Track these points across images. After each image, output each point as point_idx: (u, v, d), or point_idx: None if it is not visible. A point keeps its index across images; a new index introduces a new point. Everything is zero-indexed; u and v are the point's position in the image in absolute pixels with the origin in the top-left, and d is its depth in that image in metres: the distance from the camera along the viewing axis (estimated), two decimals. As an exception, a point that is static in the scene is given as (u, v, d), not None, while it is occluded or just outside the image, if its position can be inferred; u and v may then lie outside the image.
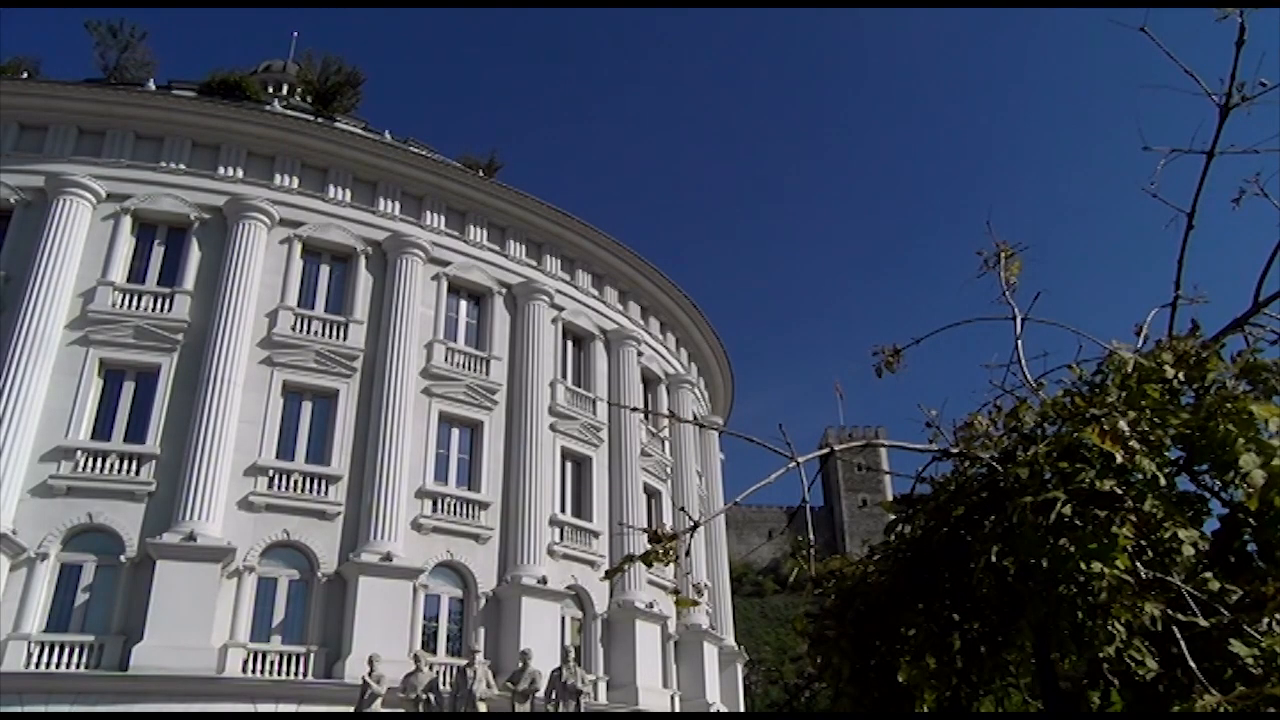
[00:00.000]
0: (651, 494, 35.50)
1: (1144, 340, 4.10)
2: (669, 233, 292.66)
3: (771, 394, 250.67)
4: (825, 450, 4.36)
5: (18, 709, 21.16)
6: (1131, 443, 3.33)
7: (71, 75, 32.92)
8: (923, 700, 3.96)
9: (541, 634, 26.96)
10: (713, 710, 32.73)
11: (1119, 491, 3.31)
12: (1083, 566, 3.16)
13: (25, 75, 31.17)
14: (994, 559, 3.44)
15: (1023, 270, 4.83)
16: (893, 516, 4.15)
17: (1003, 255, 4.85)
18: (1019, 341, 4.49)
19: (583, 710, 23.10)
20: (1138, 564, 3.26)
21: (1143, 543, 3.31)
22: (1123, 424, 3.38)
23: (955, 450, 4.04)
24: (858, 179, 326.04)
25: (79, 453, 24.87)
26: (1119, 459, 3.31)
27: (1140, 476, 3.33)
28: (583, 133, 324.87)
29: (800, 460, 4.05)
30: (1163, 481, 3.34)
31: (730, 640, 39.21)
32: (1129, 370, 3.72)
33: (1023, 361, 4.40)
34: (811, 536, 4.25)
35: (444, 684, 23.59)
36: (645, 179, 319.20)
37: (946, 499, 3.87)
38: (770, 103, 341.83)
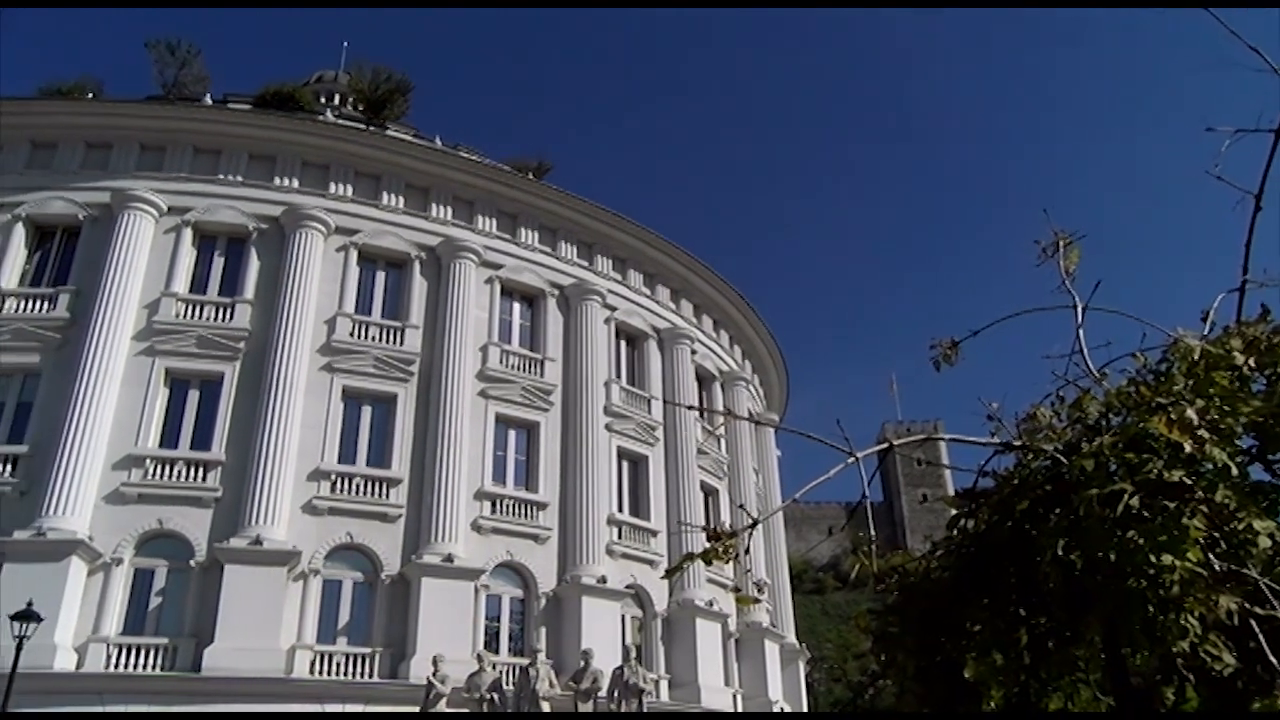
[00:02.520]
0: (709, 492, 35.44)
1: (1210, 327, 3.99)
2: (720, 229, 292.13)
3: (826, 390, 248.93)
4: (884, 445, 4.31)
5: (99, 708, 21.83)
6: (1200, 432, 3.25)
7: (133, 93, 33.80)
8: (989, 697, 3.90)
9: (602, 633, 27.08)
10: (776, 708, 32.59)
11: (1188, 482, 3.22)
12: (1153, 559, 3.09)
13: (90, 95, 32.01)
14: (1060, 553, 3.38)
15: (1082, 258, 4.72)
16: (955, 511, 4.10)
17: (1061, 243, 4.75)
18: (1080, 331, 4.40)
19: (645, 709, 23.14)
20: (1210, 556, 3.17)
21: (1215, 534, 3.23)
22: (1191, 413, 3.30)
23: (1018, 443, 3.97)
24: (912, 169, 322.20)
25: (148, 460, 25.55)
26: (1188, 449, 3.23)
27: (1210, 466, 3.24)
28: (631, 131, 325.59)
29: (859, 456, 4.02)
30: (1235, 471, 3.25)
31: (792, 638, 39.01)
32: (1196, 358, 3.62)
33: (1085, 351, 4.30)
34: (872, 532, 4.21)
35: (507, 683, 23.81)
36: (695, 176, 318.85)
37: (1010, 492, 3.81)
38: (818, 92, 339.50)
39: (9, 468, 24.97)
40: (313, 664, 24.21)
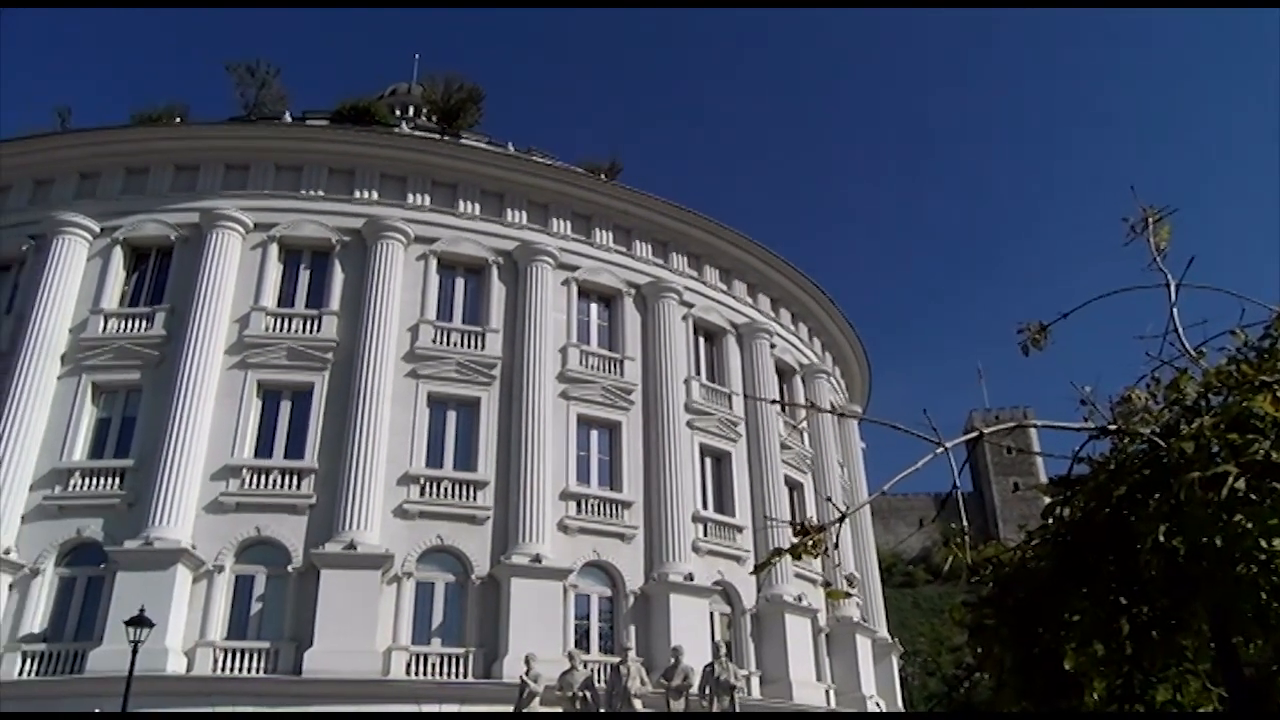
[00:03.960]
0: (793, 486, 35.17)
1: (1316, 299, 3.81)
2: (795, 221, 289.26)
3: (909, 380, 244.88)
4: (973, 434, 4.22)
5: (208, 709, 22.67)
6: (1309, 410, 3.11)
7: (216, 116, 34.92)
8: (1091, 689, 3.79)
9: (691, 630, 27.07)
10: (870, 704, 32.19)
11: (1298, 463, 3.09)
12: (1262, 544, 2.97)
13: (177, 120, 33.20)
14: (1161, 539, 3.27)
15: (1173, 235, 4.56)
16: (1049, 499, 3.99)
17: (1150, 220, 4.59)
18: (1174, 309, 4.24)
19: (736, 705, 23.05)
20: (1325, 539, 3.03)
21: (1329, 516, 3.08)
22: (1298, 390, 3.16)
23: (1113, 427, 3.86)
24: (992, 151, 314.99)
25: (244, 470, 26.39)
26: (1296, 428, 3.09)
27: (1321, 446, 3.10)
28: (702, 128, 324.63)
29: (948, 445, 3.94)
30: (1347, 449, 3.10)
31: (883, 632, 38.50)
32: (1301, 333, 3.47)
33: (1179, 330, 4.15)
34: (965, 523, 4.12)
35: (599, 682, 23.95)
36: (769, 169, 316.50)
37: (1106, 478, 3.70)
38: (891, 76, 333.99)
39: (117, 481, 26.08)
40: (408, 665, 24.72)
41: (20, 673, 23.44)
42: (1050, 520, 3.98)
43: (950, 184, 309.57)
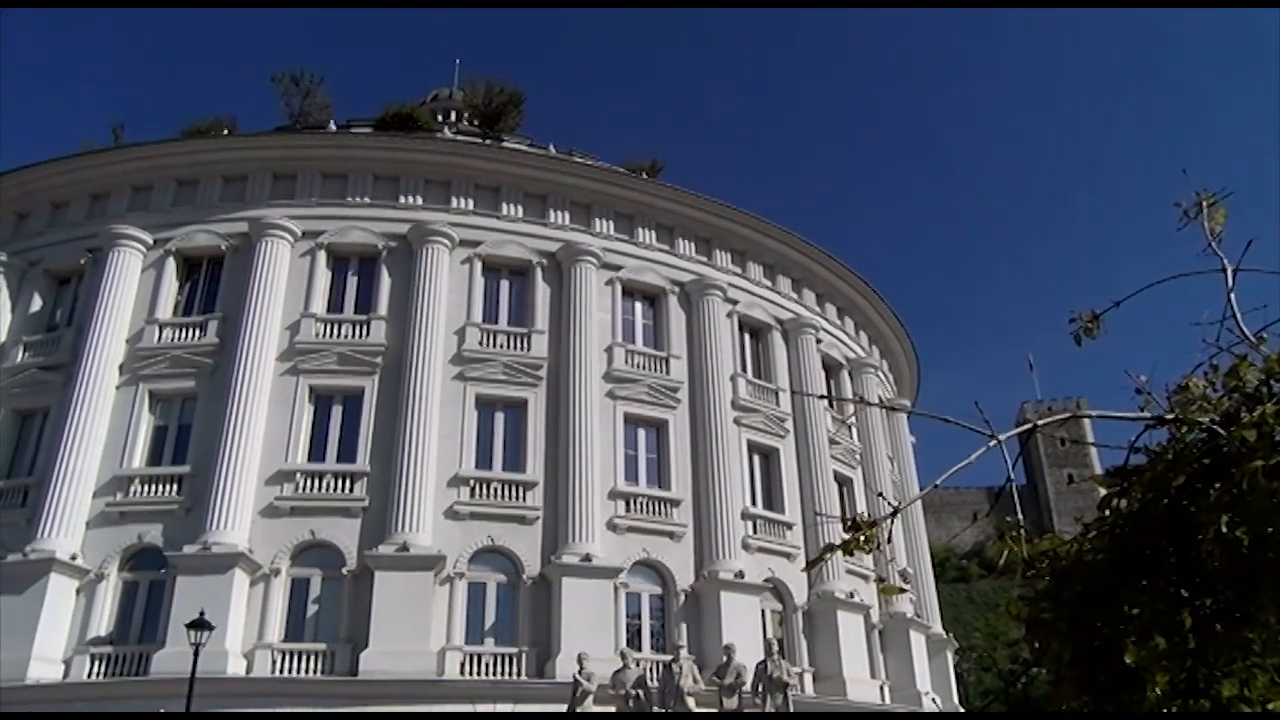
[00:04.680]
0: (843, 482, 34.94)
1: (1383, 280, 3.71)
2: (839, 215, 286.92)
3: (959, 373, 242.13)
4: (1027, 426, 4.16)
5: (268, 710, 23.08)
6: (1377, 394, 3.03)
7: (263, 126, 35.46)
8: (1154, 683, 3.72)
9: (742, 628, 27.02)
10: (926, 699, 31.87)
11: (1366, 449, 3.01)
12: (1329, 534, 2.90)
13: (225, 132, 33.79)
14: (1224, 530, 3.20)
15: (1229, 218, 4.45)
16: (1105, 491, 3.92)
17: (1204, 204, 4.49)
18: (1231, 295, 4.15)
19: (790, 703, 22.94)
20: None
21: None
22: (1365, 375, 3.08)
23: (1170, 416, 3.78)
24: (1040, 136, 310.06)
25: (298, 474, 26.81)
26: (1363, 413, 3.01)
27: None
28: (741, 124, 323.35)
29: (1001, 438, 3.89)
30: None
31: (938, 628, 38.12)
32: (1368, 314, 3.37)
33: (1238, 316, 4.06)
34: (1020, 516, 4.07)
35: (651, 680, 23.97)
36: (810, 163, 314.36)
37: (1165, 468, 3.62)
38: (933, 62, 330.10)
39: (175, 487, 26.64)
40: (462, 665, 24.94)
41: (89, 674, 24.08)
42: (1107, 512, 3.91)
43: (998, 171, 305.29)
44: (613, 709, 22.39)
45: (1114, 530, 3.85)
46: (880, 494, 4.93)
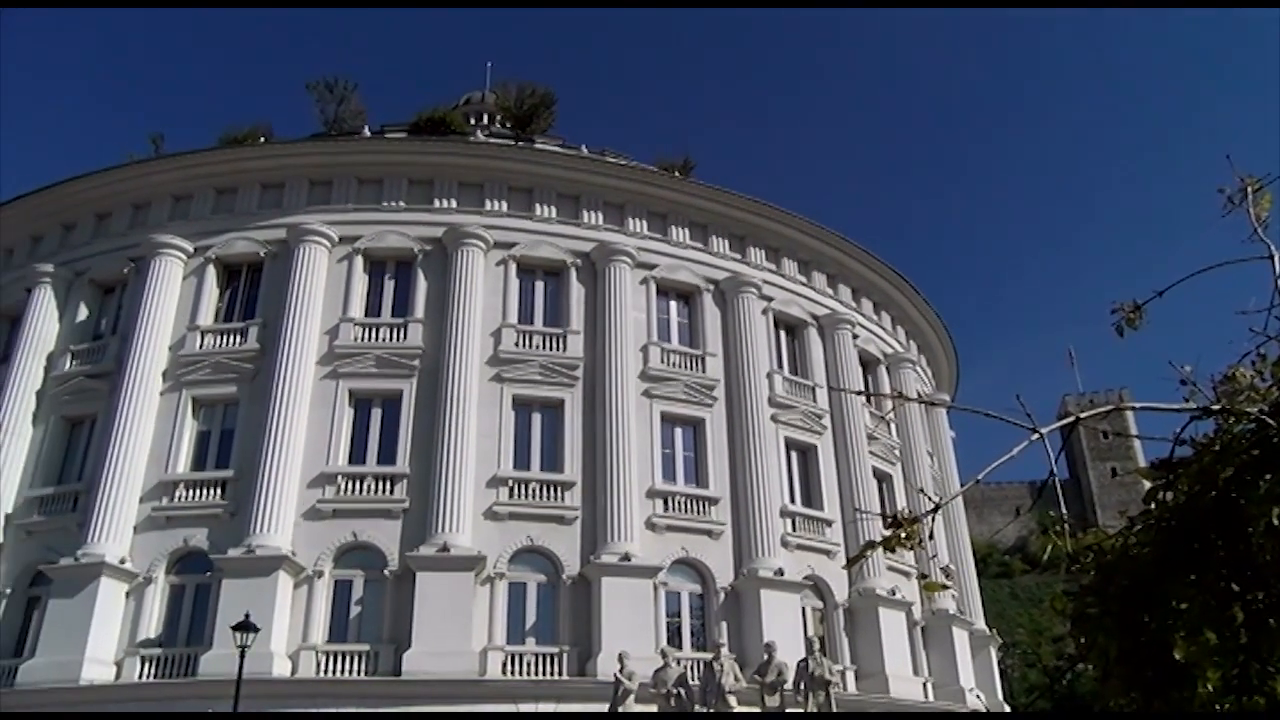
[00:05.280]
0: (882, 478, 34.70)
1: None
2: (873, 208, 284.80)
3: (998, 365, 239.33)
4: (1069, 419, 4.11)
5: (313, 710, 23.37)
6: None
7: (298, 133, 35.90)
8: (1205, 679, 3.66)
9: (783, 625, 26.93)
10: (970, 696, 31.56)
11: None
12: (1385, 524, 2.83)
13: (262, 140, 34.26)
14: (1275, 522, 3.14)
15: (1275, 203, 4.36)
16: (1151, 483, 3.86)
17: (1249, 190, 4.41)
18: (1279, 282, 4.07)
19: (833, 700, 22.82)
20: None
21: None
22: None
23: (1217, 407, 3.72)
24: (1075, 121, 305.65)
25: (339, 477, 27.09)
26: None
27: None
28: (772, 120, 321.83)
29: (1043, 431, 3.84)
30: None
31: (980, 624, 37.75)
32: None
33: (1287, 302, 3.98)
34: (1063, 510, 4.02)
35: (692, 678, 23.95)
36: (843, 157, 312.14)
37: (1212, 460, 3.56)
38: (970, 49, 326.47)
39: (219, 491, 27.04)
40: (504, 664, 25.09)
41: (139, 675, 24.53)
42: (1153, 505, 3.86)
43: (1033, 159, 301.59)
44: (654, 708, 22.39)
45: (1160, 524, 3.80)
46: (921, 490, 4.91)
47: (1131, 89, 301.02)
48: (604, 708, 22.29)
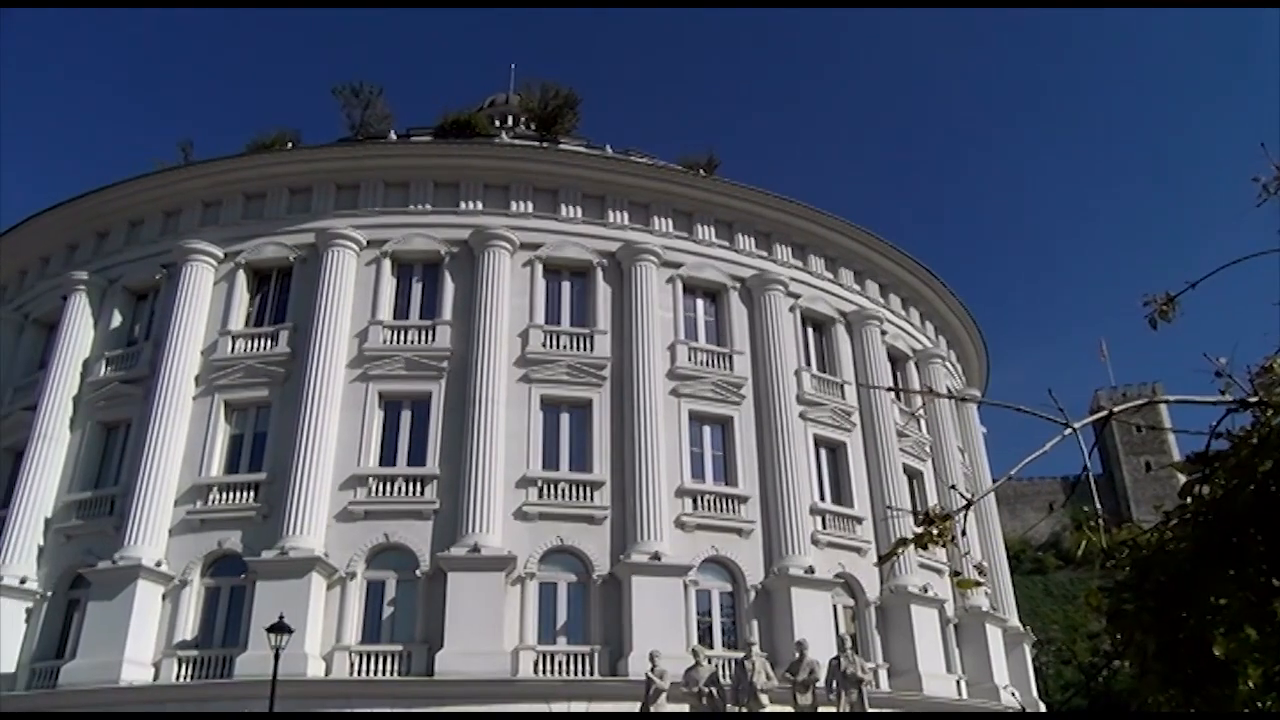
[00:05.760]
0: (912, 475, 34.50)
1: None
2: (899, 203, 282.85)
3: (1029, 360, 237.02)
4: (1102, 413, 4.07)
5: (347, 711, 23.56)
6: None
7: (325, 138, 36.14)
8: (1245, 676, 3.61)
9: (814, 623, 26.84)
10: (1005, 693, 31.31)
11: None
12: None
13: (289, 145, 34.53)
14: (1316, 515, 3.10)
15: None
16: (1186, 477, 3.82)
17: (1285, 178, 4.35)
18: (1317, 272, 4.02)
19: (865, 699, 22.70)
20: None
21: None
22: None
23: (1254, 399, 3.67)
24: (1103, 108, 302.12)
25: (370, 479, 27.29)
26: None
27: None
28: (796, 116, 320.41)
29: (1076, 426, 3.81)
30: None
31: (1014, 621, 37.45)
32: None
33: (1325, 294, 3.93)
34: (1098, 505, 3.98)
35: (724, 677, 23.91)
36: (868, 152, 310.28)
37: (1249, 453, 3.52)
38: (991, 44, 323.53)
39: (252, 494, 27.32)
40: (536, 664, 25.17)
41: (176, 676, 24.85)
42: (1189, 499, 3.82)
43: (1061, 148, 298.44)
44: (686, 707, 22.37)
45: (1197, 518, 3.75)
46: (953, 486, 4.86)
47: (1164, 77, 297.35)
48: (636, 707, 22.30)
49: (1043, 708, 36.74)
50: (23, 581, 27.03)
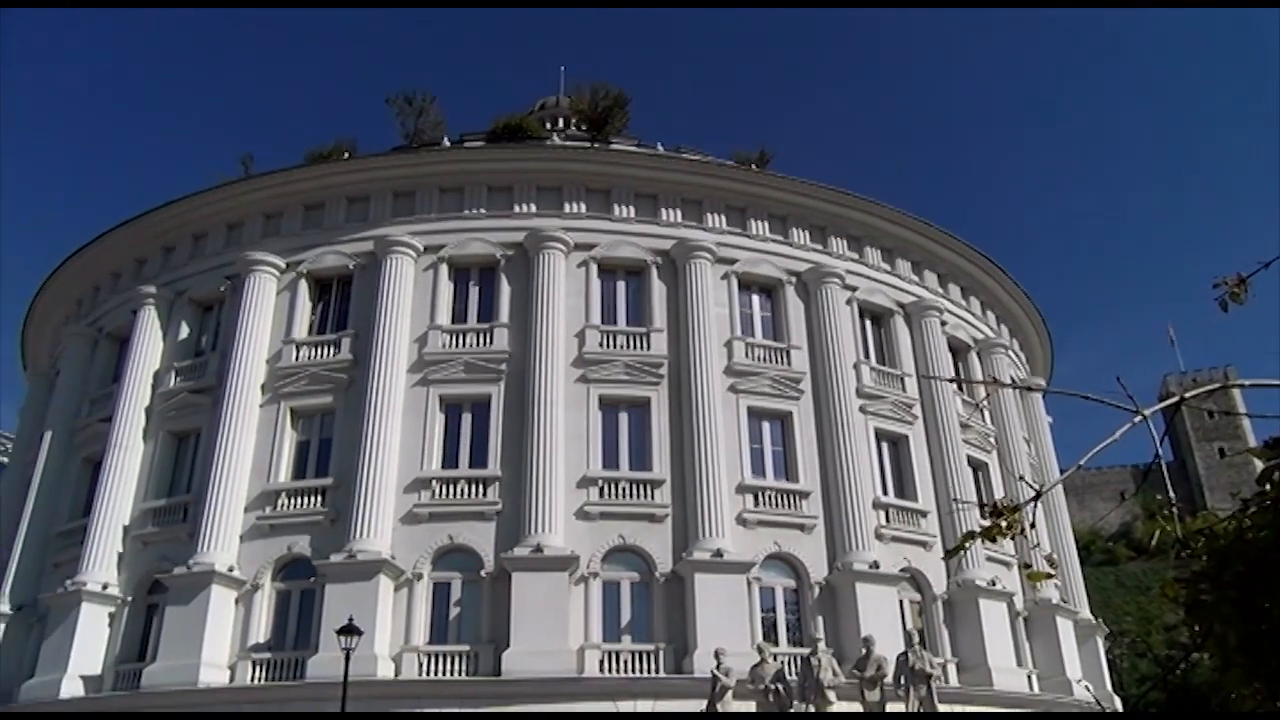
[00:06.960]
0: (977, 467, 33.97)
1: None
2: (957, 190, 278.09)
3: (1093, 347, 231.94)
4: (1173, 399, 3.97)
5: (417, 710, 23.90)
6: None
7: (381, 147, 36.64)
8: (1335, 668, 3.49)
9: (880, 619, 26.54)
10: (1078, 687, 30.67)
11: None
12: None
13: (346, 155, 35.10)
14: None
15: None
16: (1264, 463, 3.71)
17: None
18: (1398, 248, 3.87)
19: (935, 694, 22.39)
20: None
21: None
22: None
23: (1336, 381, 3.55)
24: (1168, 90, 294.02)
25: (434, 481, 27.64)
26: None
27: None
28: (848, 108, 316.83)
29: (1146, 413, 3.72)
30: None
31: (1085, 613, 36.67)
32: None
33: None
34: (1171, 494, 3.88)
35: (790, 674, 23.77)
36: (923, 140, 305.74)
37: (1332, 436, 3.41)
38: (1055, 31, 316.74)
39: (319, 499, 27.85)
40: (601, 662, 25.27)
41: (251, 679, 25.45)
42: (1268, 485, 3.71)
43: (1125, 132, 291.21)
44: (752, 705, 22.28)
45: (1277, 505, 3.65)
46: (1021, 477, 4.77)
47: (1231, 53, 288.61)
48: (701, 705, 22.26)
49: (1118, 701, 35.88)
50: (105, 587, 27.90)
